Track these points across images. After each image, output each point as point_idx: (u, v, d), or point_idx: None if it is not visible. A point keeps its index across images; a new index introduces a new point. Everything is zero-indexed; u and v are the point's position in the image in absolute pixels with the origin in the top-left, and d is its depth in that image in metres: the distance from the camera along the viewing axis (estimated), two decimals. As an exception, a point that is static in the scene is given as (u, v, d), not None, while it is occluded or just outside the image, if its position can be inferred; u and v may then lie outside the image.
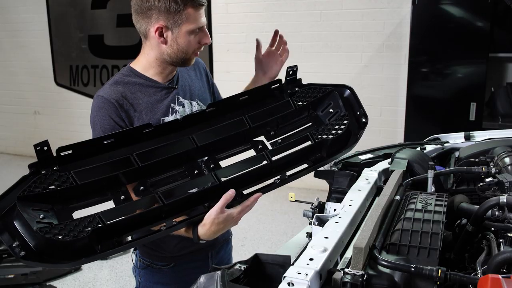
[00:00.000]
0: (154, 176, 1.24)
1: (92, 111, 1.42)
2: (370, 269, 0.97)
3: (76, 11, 5.91)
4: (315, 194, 1.55)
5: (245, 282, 1.00)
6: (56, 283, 3.17)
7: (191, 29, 1.40)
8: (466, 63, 3.88)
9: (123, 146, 1.21)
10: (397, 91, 4.45)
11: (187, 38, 1.41)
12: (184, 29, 1.40)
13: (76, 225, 1.04)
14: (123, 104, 1.41)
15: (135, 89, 1.45)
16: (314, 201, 1.36)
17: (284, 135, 1.43)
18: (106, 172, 1.15)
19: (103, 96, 1.40)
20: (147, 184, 1.22)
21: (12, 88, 6.59)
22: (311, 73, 4.96)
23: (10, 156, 6.71)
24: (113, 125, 1.38)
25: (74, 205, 1.12)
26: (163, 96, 1.49)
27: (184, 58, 1.46)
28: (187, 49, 1.44)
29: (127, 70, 1.49)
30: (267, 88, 1.48)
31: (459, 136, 2.22)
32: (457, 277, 0.90)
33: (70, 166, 1.11)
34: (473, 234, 1.17)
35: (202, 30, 1.44)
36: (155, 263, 1.55)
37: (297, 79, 1.54)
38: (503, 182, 1.33)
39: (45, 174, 1.09)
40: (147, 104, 1.45)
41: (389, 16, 4.38)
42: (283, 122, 1.44)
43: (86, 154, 1.15)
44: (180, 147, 1.28)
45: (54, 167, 1.10)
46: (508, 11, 3.81)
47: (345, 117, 1.44)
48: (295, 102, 1.46)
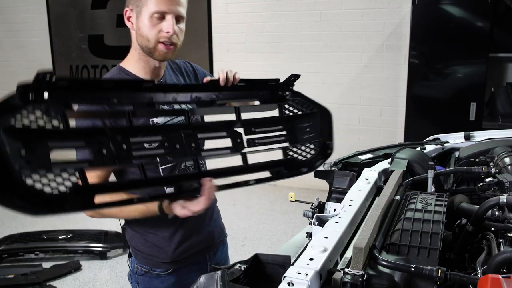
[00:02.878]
0: (139, 137, 1.13)
1: None
2: (370, 269, 0.97)
3: (76, 11, 5.91)
4: (315, 194, 1.55)
5: (245, 282, 1.00)
6: (56, 283, 3.16)
7: (150, 12, 1.35)
8: (466, 63, 3.88)
9: (121, 96, 1.11)
10: (397, 91, 4.46)
11: (147, 22, 1.36)
12: (144, 13, 1.36)
13: (57, 175, 0.92)
14: None
15: None
16: (314, 201, 1.36)
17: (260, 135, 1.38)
18: (97, 121, 1.07)
19: None
20: (130, 145, 1.10)
21: (12, 88, 6.56)
22: (311, 73, 5.01)
23: (10, 156, 6.71)
24: None
25: (52, 145, 0.95)
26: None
27: (148, 47, 1.39)
28: (147, 35, 1.38)
29: (116, 69, 1.46)
30: (264, 82, 1.45)
31: (459, 136, 2.22)
32: (457, 277, 0.90)
33: (62, 101, 0.98)
34: (473, 234, 1.17)
35: (165, 18, 1.37)
36: (153, 270, 1.53)
37: (292, 85, 1.51)
38: (503, 182, 1.33)
39: (33, 101, 0.95)
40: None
41: (389, 16, 4.38)
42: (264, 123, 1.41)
43: (81, 93, 1.04)
44: (173, 115, 1.25)
45: (44, 96, 0.96)
46: (508, 11, 3.81)
47: (318, 143, 1.44)
48: (282, 109, 1.45)
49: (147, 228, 1.49)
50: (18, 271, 3.18)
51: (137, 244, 1.52)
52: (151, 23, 1.37)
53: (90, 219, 1.38)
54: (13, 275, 3.12)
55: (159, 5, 1.35)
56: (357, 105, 4.68)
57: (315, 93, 5.35)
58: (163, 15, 1.37)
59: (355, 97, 4.67)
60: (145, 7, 1.36)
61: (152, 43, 1.39)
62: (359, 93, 4.65)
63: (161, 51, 1.41)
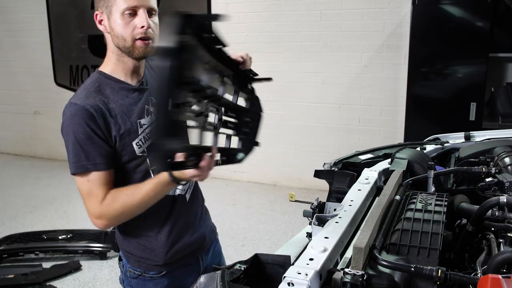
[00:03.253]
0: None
1: (65, 120, 1.35)
2: (370, 269, 0.97)
3: (76, 11, 5.91)
4: (315, 194, 1.55)
5: (245, 282, 1.00)
6: (56, 283, 3.16)
7: (120, 10, 1.33)
8: (466, 63, 3.88)
9: None
10: (397, 91, 4.45)
11: (119, 21, 1.34)
12: (115, 12, 1.34)
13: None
14: (99, 110, 1.34)
15: (108, 93, 1.39)
16: (314, 201, 1.36)
17: (232, 119, 1.38)
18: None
19: (77, 104, 1.33)
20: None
21: (12, 88, 6.59)
22: (311, 73, 5.00)
23: (10, 156, 6.71)
24: (88, 132, 1.32)
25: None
26: (136, 98, 1.45)
27: (126, 46, 1.37)
28: (123, 34, 1.35)
29: (96, 74, 1.44)
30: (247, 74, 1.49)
31: (459, 136, 2.23)
32: (457, 277, 0.90)
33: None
34: (473, 234, 1.17)
35: (137, 13, 1.35)
36: (146, 272, 1.51)
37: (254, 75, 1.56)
38: (503, 182, 1.33)
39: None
40: (122, 108, 1.40)
41: (389, 16, 4.38)
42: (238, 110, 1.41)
43: None
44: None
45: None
46: (508, 11, 3.81)
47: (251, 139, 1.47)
48: (249, 102, 1.50)
49: (139, 231, 1.48)
50: (18, 271, 3.18)
51: (129, 247, 1.51)
52: (124, 21, 1.34)
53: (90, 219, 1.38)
54: (13, 275, 3.12)
55: (128, 1, 1.33)
56: (357, 105, 4.68)
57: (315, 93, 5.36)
58: (134, 11, 1.34)
59: (355, 97, 4.67)
60: (114, 6, 1.34)
61: (129, 42, 1.37)
62: (359, 93, 4.65)
63: (139, 48, 1.38)
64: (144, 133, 1.43)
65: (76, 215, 4.34)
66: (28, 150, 6.68)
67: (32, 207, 4.63)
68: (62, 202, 4.75)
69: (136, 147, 1.41)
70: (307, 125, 4.92)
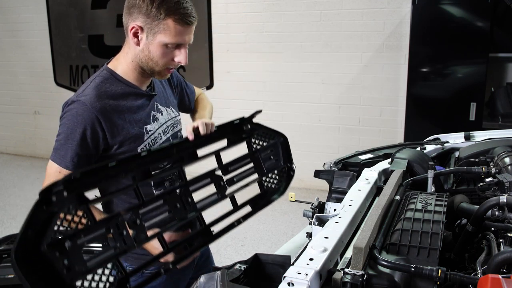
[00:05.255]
0: (145, 207, 1.16)
1: (68, 114, 1.34)
2: (370, 269, 0.97)
3: (76, 11, 5.91)
4: (315, 194, 1.55)
5: (245, 282, 1.00)
6: (56, 283, 3.17)
7: (165, 42, 1.33)
8: (466, 63, 3.88)
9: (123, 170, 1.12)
10: (397, 91, 4.46)
11: (159, 49, 1.35)
12: (158, 39, 1.33)
13: (98, 275, 0.95)
14: (107, 114, 1.35)
15: (117, 95, 1.39)
16: (314, 201, 1.36)
17: (236, 172, 1.43)
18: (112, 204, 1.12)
19: (85, 104, 1.33)
20: (140, 217, 1.13)
21: (12, 88, 6.59)
22: (311, 73, 5.00)
23: (10, 156, 6.71)
24: (85, 137, 1.32)
25: (82, 240, 0.97)
26: (144, 103, 1.46)
27: (154, 69, 1.39)
28: (158, 61, 1.37)
29: (107, 73, 1.43)
30: (231, 124, 1.46)
31: (459, 136, 2.23)
32: (457, 277, 0.90)
33: (78, 193, 0.99)
34: (473, 234, 1.17)
35: (180, 48, 1.36)
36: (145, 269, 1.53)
37: (253, 118, 1.55)
38: (503, 182, 1.33)
39: (56, 202, 0.93)
40: (130, 112, 1.41)
41: (389, 16, 4.38)
42: (236, 161, 1.46)
43: (91, 181, 1.05)
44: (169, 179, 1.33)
45: (63, 193, 0.94)
46: (508, 11, 3.81)
47: (283, 168, 1.52)
48: (251, 144, 1.52)
49: None
50: (18, 271, 3.18)
51: None
52: (164, 51, 1.35)
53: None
54: (13, 275, 3.12)
55: (177, 38, 1.33)
56: (357, 105, 4.68)
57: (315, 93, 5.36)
58: (178, 46, 1.36)
59: (355, 97, 4.67)
60: (160, 34, 1.33)
61: (159, 68, 1.39)
62: (359, 93, 4.65)
63: (165, 75, 1.42)
64: (149, 139, 1.45)
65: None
66: (28, 150, 6.68)
67: (32, 207, 4.63)
68: (62, 202, 4.75)
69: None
70: (307, 125, 4.92)
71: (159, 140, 1.50)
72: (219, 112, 5.01)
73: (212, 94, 5.15)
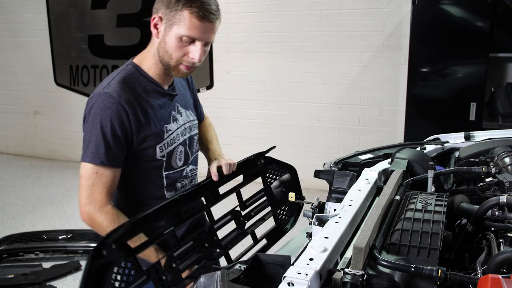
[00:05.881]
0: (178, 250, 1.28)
1: (95, 108, 1.32)
2: (370, 269, 0.97)
3: (76, 11, 5.91)
4: (315, 194, 1.55)
5: (245, 282, 1.00)
6: (56, 283, 3.16)
7: (180, 34, 1.31)
8: (466, 63, 3.87)
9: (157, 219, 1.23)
10: (397, 91, 4.45)
11: (174, 42, 1.33)
12: (174, 31, 1.31)
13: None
14: (133, 107, 1.34)
15: (140, 90, 1.39)
16: (314, 201, 1.36)
17: (252, 206, 1.58)
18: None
19: (112, 96, 1.32)
20: (175, 260, 1.23)
21: (12, 88, 6.59)
22: (311, 73, 5.00)
23: (10, 156, 6.71)
24: (115, 129, 1.32)
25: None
26: (166, 103, 1.47)
27: (169, 64, 1.38)
28: (172, 54, 1.35)
29: (132, 68, 1.42)
30: (249, 161, 1.60)
31: (459, 136, 2.22)
32: (457, 277, 0.90)
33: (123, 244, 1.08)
34: (473, 234, 1.17)
35: (195, 44, 1.33)
36: None
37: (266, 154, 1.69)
38: (503, 182, 1.33)
39: (106, 255, 1.01)
40: (153, 110, 1.41)
41: (389, 16, 4.38)
42: (252, 196, 1.61)
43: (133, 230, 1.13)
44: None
45: (112, 246, 1.03)
46: (508, 11, 3.81)
47: (295, 202, 1.67)
48: (266, 179, 1.67)
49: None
50: (18, 271, 3.18)
51: None
52: (179, 44, 1.33)
53: (79, 206, 1.39)
54: (13, 275, 3.12)
55: (191, 31, 1.31)
56: (357, 105, 4.68)
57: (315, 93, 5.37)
58: (193, 40, 1.33)
59: (355, 97, 4.67)
60: (176, 25, 1.31)
61: (173, 62, 1.37)
62: (359, 93, 4.64)
63: (180, 71, 1.40)
64: (168, 139, 1.46)
65: (76, 215, 4.34)
66: (28, 150, 6.68)
67: (32, 207, 4.62)
68: (62, 202, 4.75)
69: (159, 150, 1.43)
70: (307, 125, 4.91)
71: (177, 141, 1.50)
72: (219, 112, 5.05)
73: (212, 94, 5.15)
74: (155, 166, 1.44)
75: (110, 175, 1.33)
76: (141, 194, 1.48)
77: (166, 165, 1.47)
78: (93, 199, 1.32)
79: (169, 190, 1.51)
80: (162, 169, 1.46)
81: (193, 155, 1.60)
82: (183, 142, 1.53)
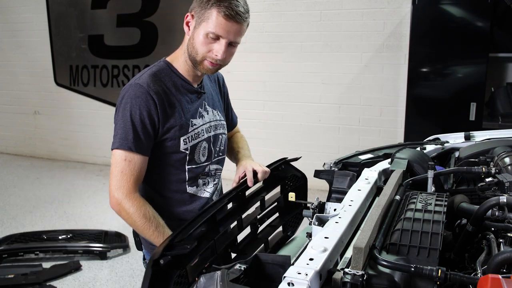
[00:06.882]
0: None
1: (126, 97, 1.40)
2: (370, 269, 0.97)
3: (76, 11, 5.91)
4: (315, 194, 1.55)
5: (245, 282, 1.00)
6: (56, 283, 3.16)
7: (206, 30, 1.38)
8: (466, 63, 3.88)
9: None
10: (397, 91, 4.46)
11: (200, 37, 1.40)
12: (202, 27, 1.39)
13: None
14: (161, 98, 1.42)
15: (170, 85, 1.47)
16: (314, 201, 1.36)
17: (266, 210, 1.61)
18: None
19: (143, 86, 1.40)
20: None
21: (12, 88, 6.59)
22: (311, 73, 5.00)
23: (10, 156, 6.71)
24: (144, 117, 1.39)
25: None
26: (194, 99, 1.53)
27: (195, 59, 1.44)
28: (198, 48, 1.42)
29: (164, 64, 1.51)
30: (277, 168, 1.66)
31: (459, 136, 2.22)
32: (457, 277, 0.90)
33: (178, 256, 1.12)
34: (473, 234, 1.17)
35: (220, 41, 1.40)
36: None
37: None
38: (503, 182, 1.33)
39: (164, 264, 1.06)
40: (180, 103, 1.48)
41: (389, 16, 4.38)
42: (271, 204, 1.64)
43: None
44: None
45: (168, 256, 1.08)
46: (508, 11, 3.81)
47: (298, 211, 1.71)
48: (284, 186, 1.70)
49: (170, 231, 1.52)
50: (18, 271, 3.18)
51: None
52: (205, 40, 1.40)
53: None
54: (13, 275, 3.12)
55: (217, 28, 1.38)
56: (357, 105, 4.68)
57: (315, 93, 5.36)
58: (218, 37, 1.40)
59: (355, 97, 4.67)
60: (204, 22, 1.39)
61: (199, 58, 1.44)
62: (359, 93, 4.64)
63: (205, 67, 1.47)
64: (193, 132, 1.52)
65: (76, 215, 4.34)
66: (28, 150, 6.68)
67: (32, 207, 4.62)
68: (62, 202, 4.75)
69: (183, 143, 1.49)
70: (307, 125, 4.91)
71: (201, 136, 1.55)
72: (219, 112, 5.04)
73: (212, 94, 5.15)
74: (178, 158, 1.50)
75: (138, 163, 1.41)
76: (163, 186, 1.54)
77: (189, 158, 1.52)
78: (121, 185, 1.39)
79: (191, 185, 1.56)
80: (185, 162, 1.52)
81: (217, 153, 1.65)
82: (207, 139, 1.58)
